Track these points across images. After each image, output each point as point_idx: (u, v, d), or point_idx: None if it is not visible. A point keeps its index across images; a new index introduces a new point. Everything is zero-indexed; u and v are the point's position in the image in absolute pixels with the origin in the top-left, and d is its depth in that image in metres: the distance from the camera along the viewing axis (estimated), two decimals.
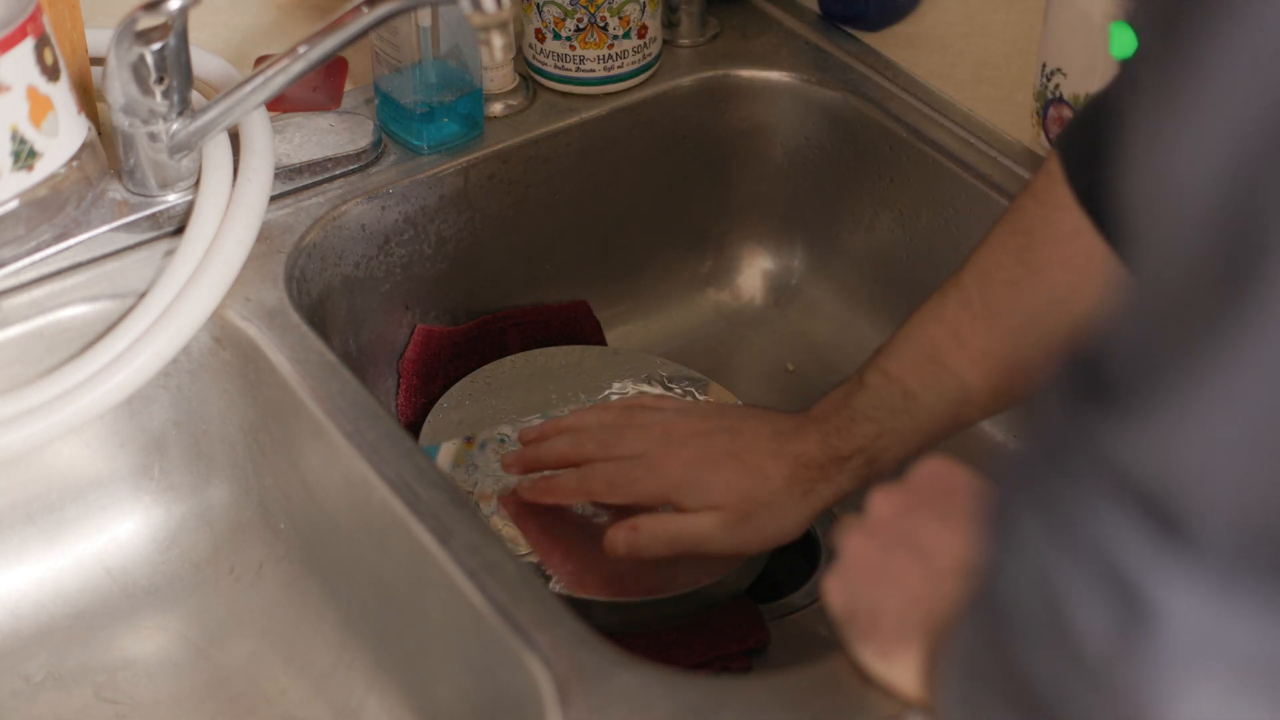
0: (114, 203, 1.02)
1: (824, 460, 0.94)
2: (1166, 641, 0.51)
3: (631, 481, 0.96)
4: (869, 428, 0.94)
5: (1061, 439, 0.55)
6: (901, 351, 0.94)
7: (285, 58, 0.98)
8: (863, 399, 0.94)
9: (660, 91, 1.19)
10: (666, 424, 0.98)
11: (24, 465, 1.01)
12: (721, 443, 0.96)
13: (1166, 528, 0.51)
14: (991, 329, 0.92)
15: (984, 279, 0.93)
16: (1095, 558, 0.53)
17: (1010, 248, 0.92)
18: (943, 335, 0.93)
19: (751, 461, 0.94)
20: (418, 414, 1.12)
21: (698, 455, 0.95)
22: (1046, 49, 1.09)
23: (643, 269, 1.25)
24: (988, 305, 0.92)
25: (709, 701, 0.79)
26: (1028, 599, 0.56)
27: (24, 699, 0.98)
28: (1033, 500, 0.56)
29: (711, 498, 0.94)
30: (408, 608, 0.92)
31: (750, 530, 0.94)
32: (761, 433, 0.95)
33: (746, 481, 0.94)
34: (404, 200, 1.11)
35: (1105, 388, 0.53)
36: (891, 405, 0.94)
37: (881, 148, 1.18)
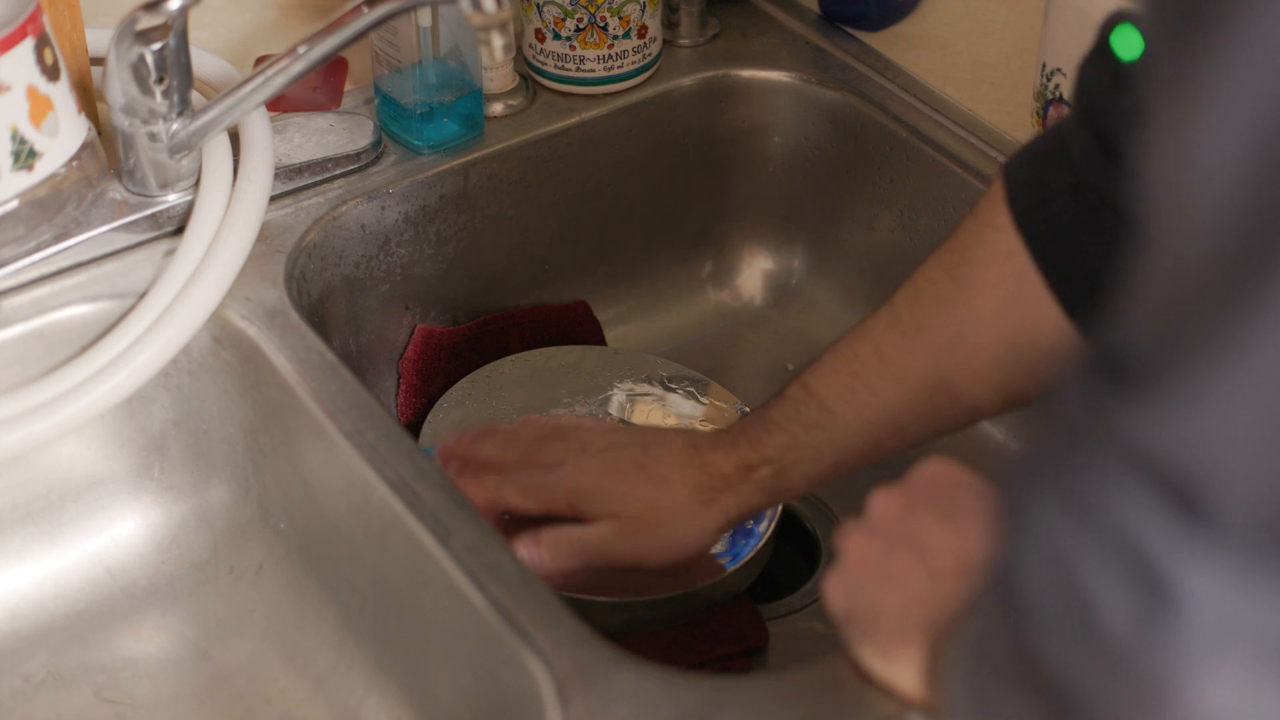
0: (114, 203, 1.02)
1: (730, 470, 0.94)
2: (1189, 625, 0.51)
3: (541, 489, 0.97)
4: (780, 438, 0.93)
5: (1080, 422, 0.55)
6: (824, 366, 0.94)
7: (285, 58, 0.98)
8: (779, 410, 0.94)
9: (660, 91, 1.19)
10: (586, 437, 0.98)
11: (24, 465, 1.01)
12: (632, 454, 0.96)
13: (1188, 510, 0.51)
14: (916, 346, 0.91)
15: (915, 295, 0.92)
16: (1116, 541, 0.53)
17: (944, 264, 0.92)
18: (867, 351, 0.92)
19: (656, 472, 0.95)
20: (418, 414, 1.12)
21: (606, 466, 0.96)
22: (1046, 49, 1.09)
23: (643, 269, 1.25)
24: (915, 321, 0.92)
25: (709, 701, 0.79)
26: (1046, 584, 0.56)
27: (24, 699, 0.98)
28: (1051, 484, 0.56)
29: (611, 506, 0.95)
30: (408, 608, 0.92)
31: (649, 538, 0.95)
32: (674, 445, 0.96)
33: (648, 490, 0.94)
34: (404, 200, 1.11)
35: (1125, 371, 0.53)
36: (806, 419, 0.93)
37: (881, 148, 1.18)
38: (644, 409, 1.11)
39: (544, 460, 0.98)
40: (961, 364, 0.91)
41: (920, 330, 0.91)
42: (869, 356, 0.92)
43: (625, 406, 1.11)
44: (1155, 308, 0.53)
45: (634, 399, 1.11)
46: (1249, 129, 0.48)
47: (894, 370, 0.92)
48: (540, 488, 0.97)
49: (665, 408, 1.12)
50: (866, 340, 0.93)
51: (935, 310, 0.91)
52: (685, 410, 1.12)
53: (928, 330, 0.91)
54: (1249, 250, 0.49)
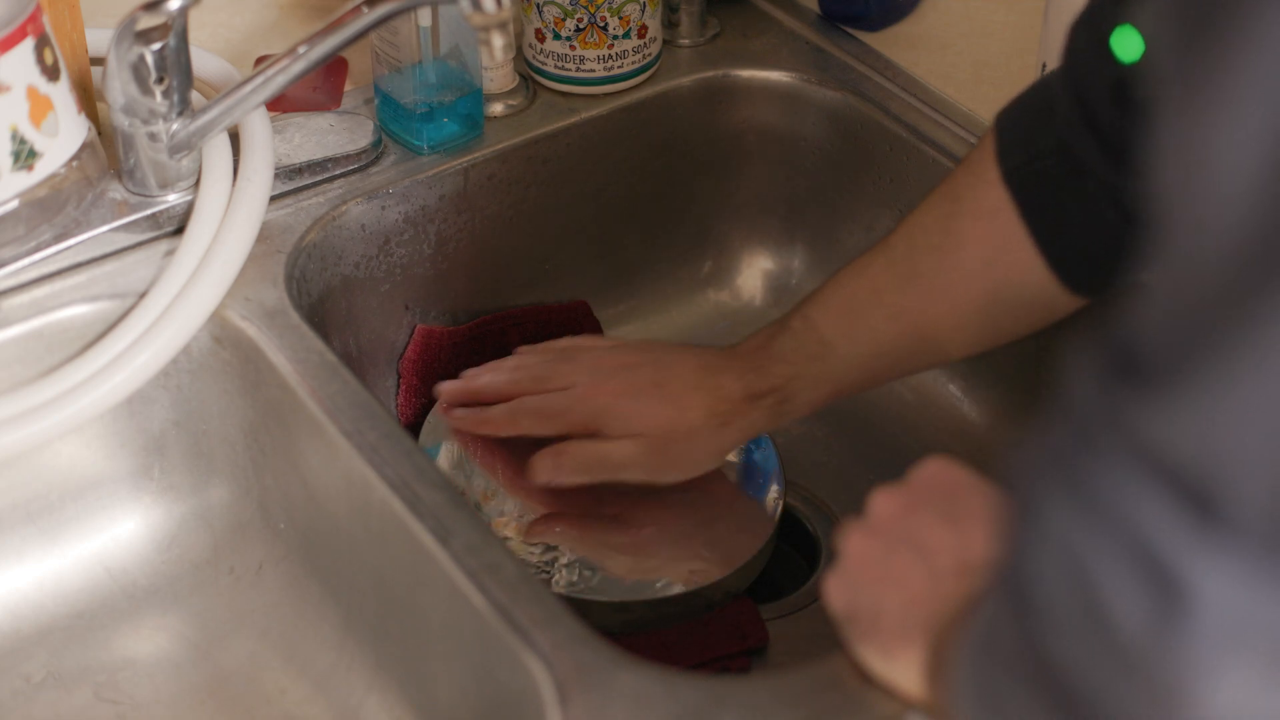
0: (114, 203, 1.02)
1: (740, 396, 0.97)
2: (1202, 625, 0.51)
3: (559, 412, 0.99)
4: (784, 369, 0.97)
5: (1093, 419, 0.55)
6: (826, 300, 0.98)
7: (285, 58, 0.98)
8: (783, 341, 0.98)
9: (660, 91, 1.19)
10: (596, 359, 1.01)
11: (24, 465, 1.01)
12: (647, 374, 0.99)
13: (1201, 510, 0.51)
14: (909, 289, 0.96)
15: (910, 241, 0.96)
16: (1129, 540, 0.53)
17: (937, 214, 0.96)
18: (864, 290, 0.97)
19: (673, 392, 0.98)
20: (418, 414, 1.12)
21: (623, 386, 0.99)
22: (1046, 49, 1.09)
23: (643, 269, 1.25)
24: (910, 266, 0.96)
25: (709, 701, 0.79)
26: (1057, 581, 0.56)
27: (24, 699, 0.98)
28: (1063, 481, 0.56)
29: (632, 425, 0.98)
30: (408, 608, 0.92)
31: (667, 459, 0.98)
32: (687, 365, 0.99)
33: (667, 411, 0.97)
34: (404, 200, 1.11)
35: (1138, 369, 0.53)
36: (808, 350, 0.97)
37: (881, 148, 1.18)
38: None
39: (556, 383, 1.00)
40: (950, 309, 0.95)
41: (914, 274, 0.95)
42: (865, 295, 0.97)
43: None
44: (1169, 307, 0.53)
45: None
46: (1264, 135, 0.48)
47: (889, 311, 0.96)
48: (558, 410, 0.99)
49: None
50: (865, 280, 0.97)
51: (928, 258, 0.95)
52: None
53: (921, 276, 0.95)
54: (1265, 253, 0.49)
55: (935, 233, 0.95)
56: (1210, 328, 0.51)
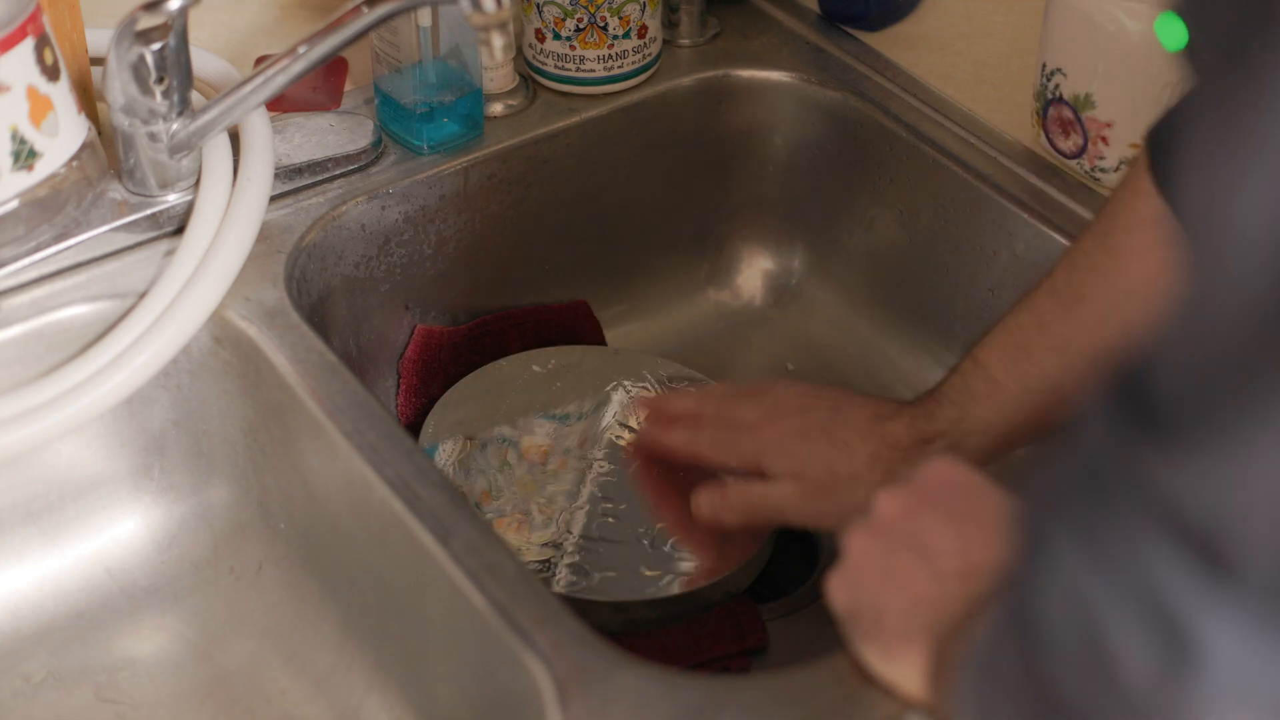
0: (114, 203, 1.02)
1: (909, 442, 0.95)
2: (1209, 678, 0.51)
3: (731, 444, 0.99)
4: (952, 411, 0.95)
5: (1105, 461, 0.55)
6: (994, 338, 0.96)
7: (285, 58, 0.98)
8: (951, 383, 0.96)
9: (660, 91, 1.19)
10: (779, 398, 1.01)
11: (24, 465, 1.01)
12: (820, 417, 0.98)
13: (1211, 563, 0.51)
14: (1073, 316, 0.93)
15: (1070, 265, 0.93)
16: (1138, 589, 0.52)
17: (1095, 234, 0.93)
18: (1030, 323, 0.94)
19: (841, 437, 0.96)
20: (418, 414, 1.12)
21: (795, 427, 0.98)
22: (1046, 49, 1.09)
23: (643, 269, 1.25)
24: (1072, 291, 0.93)
25: (709, 701, 0.79)
26: (1065, 622, 0.55)
27: (24, 699, 0.98)
28: (1073, 523, 0.55)
29: (794, 466, 0.97)
30: (408, 608, 0.92)
31: (827, 502, 0.96)
32: (861, 412, 0.97)
33: (831, 455, 0.96)
34: (404, 200, 1.11)
35: (1153, 413, 0.53)
36: (974, 390, 0.95)
37: (881, 148, 1.18)
38: None
39: (738, 417, 1.00)
40: (1117, 331, 0.92)
41: (1077, 300, 0.92)
42: (1031, 328, 0.94)
43: (625, 406, 1.11)
44: (1189, 356, 0.53)
45: (634, 399, 1.11)
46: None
47: (1054, 340, 0.93)
48: (732, 443, 0.99)
49: None
50: (1029, 312, 0.94)
51: (1089, 279, 0.92)
52: None
53: (1084, 300, 0.92)
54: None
55: (1094, 253, 0.92)
56: (1229, 382, 0.50)
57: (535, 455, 1.08)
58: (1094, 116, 1.07)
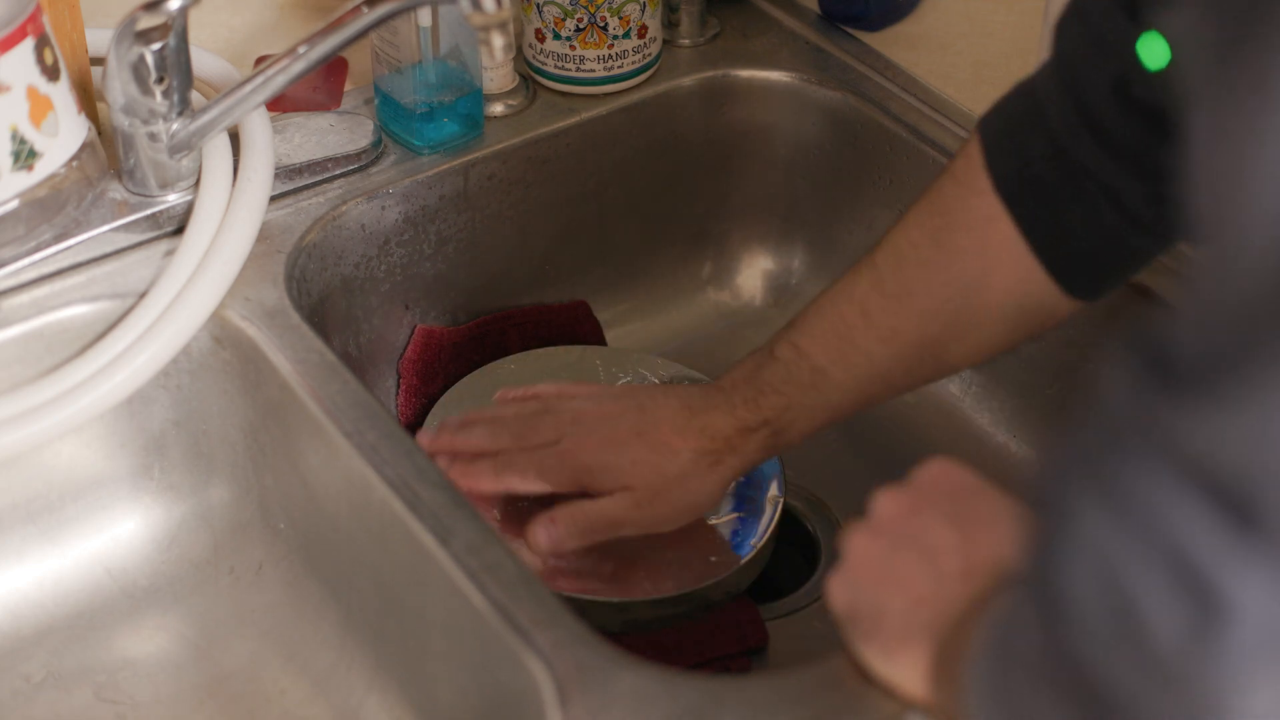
0: (114, 203, 1.02)
1: (730, 432, 0.96)
2: (1240, 636, 0.51)
3: (545, 471, 0.98)
4: (776, 400, 0.96)
5: (1127, 423, 0.54)
6: (812, 327, 0.96)
7: (285, 58, 0.98)
8: (771, 372, 0.96)
9: (660, 91, 1.19)
10: (577, 411, 0.99)
11: (24, 465, 1.01)
12: (629, 422, 0.97)
13: (1240, 520, 0.51)
14: (901, 309, 0.93)
15: (898, 258, 0.94)
16: (1165, 548, 0.52)
17: (927, 229, 0.93)
18: (853, 313, 0.95)
19: (658, 439, 0.96)
20: (418, 414, 1.12)
21: (606, 438, 0.97)
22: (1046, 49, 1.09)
23: (643, 269, 1.25)
24: (900, 284, 0.93)
25: (709, 701, 0.79)
26: (1089, 588, 0.55)
27: (24, 699, 0.98)
28: (1095, 485, 0.55)
29: (621, 478, 0.96)
30: (408, 608, 0.92)
31: (662, 506, 0.97)
32: (669, 408, 0.97)
33: (654, 459, 0.96)
34: (404, 200, 1.11)
35: (1176, 374, 0.53)
36: (800, 380, 0.95)
37: (881, 148, 1.18)
38: None
39: (538, 439, 0.98)
40: (947, 325, 0.93)
41: (906, 294, 0.93)
42: (856, 319, 0.94)
43: None
44: (1208, 312, 0.53)
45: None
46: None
47: (882, 332, 0.94)
48: (542, 469, 0.97)
49: None
50: (852, 303, 0.95)
51: (920, 275, 0.93)
52: None
53: (914, 295, 0.93)
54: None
55: (925, 247, 0.93)
56: (1251, 337, 0.50)
57: None
58: None
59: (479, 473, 0.99)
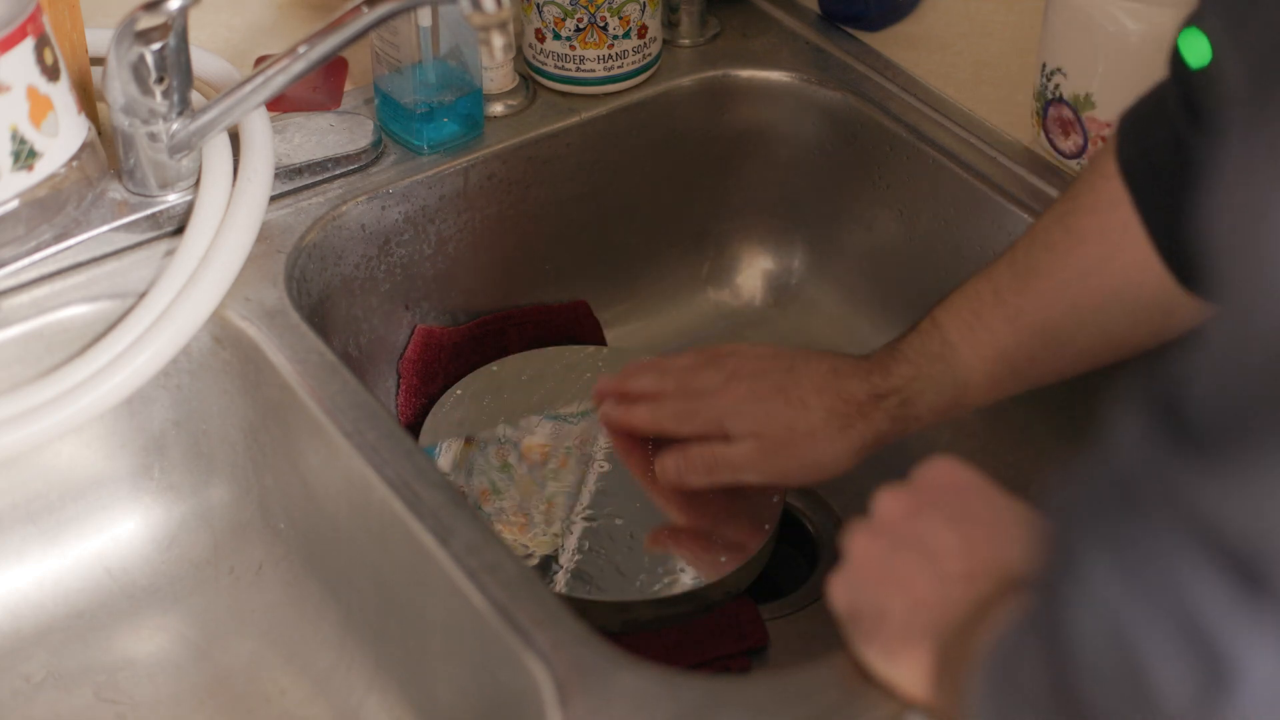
0: (114, 203, 1.02)
1: (863, 397, 0.97)
2: (1247, 700, 0.51)
3: (692, 414, 1.01)
4: (907, 369, 0.96)
5: (1139, 476, 0.54)
6: (953, 302, 0.97)
7: (285, 58, 0.98)
8: (909, 342, 0.97)
9: (660, 91, 1.19)
10: (737, 364, 1.02)
11: (24, 465, 1.01)
12: (776, 379, 0.99)
13: (1250, 584, 0.50)
14: (1026, 288, 0.94)
15: (1030, 239, 0.95)
16: (1174, 608, 0.52)
17: (1058, 212, 0.94)
18: (987, 291, 0.95)
19: (796, 395, 0.98)
20: (418, 414, 1.12)
21: (750, 390, 1.00)
22: (1046, 49, 1.09)
23: (643, 269, 1.25)
24: (1029, 265, 0.94)
25: (709, 701, 0.79)
26: (1097, 639, 0.55)
27: (24, 699, 0.98)
28: (1106, 538, 0.55)
29: (753, 426, 0.98)
30: (408, 608, 0.92)
31: (786, 459, 0.98)
32: (818, 370, 0.99)
33: (787, 413, 0.98)
34: (404, 200, 1.11)
35: (1189, 429, 0.52)
36: (929, 351, 0.96)
37: (881, 148, 1.18)
38: None
39: (696, 387, 1.02)
40: (1068, 310, 0.93)
41: (1031, 274, 0.94)
42: (988, 296, 0.95)
43: None
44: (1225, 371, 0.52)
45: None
46: None
47: (1008, 311, 0.94)
48: (692, 413, 1.01)
49: None
50: (988, 281, 0.96)
51: (1045, 256, 0.94)
52: None
53: (1038, 275, 0.94)
54: None
55: (1054, 230, 0.94)
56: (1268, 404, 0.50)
57: (535, 455, 1.08)
58: (1094, 116, 1.07)
59: (636, 411, 1.04)
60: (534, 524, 1.03)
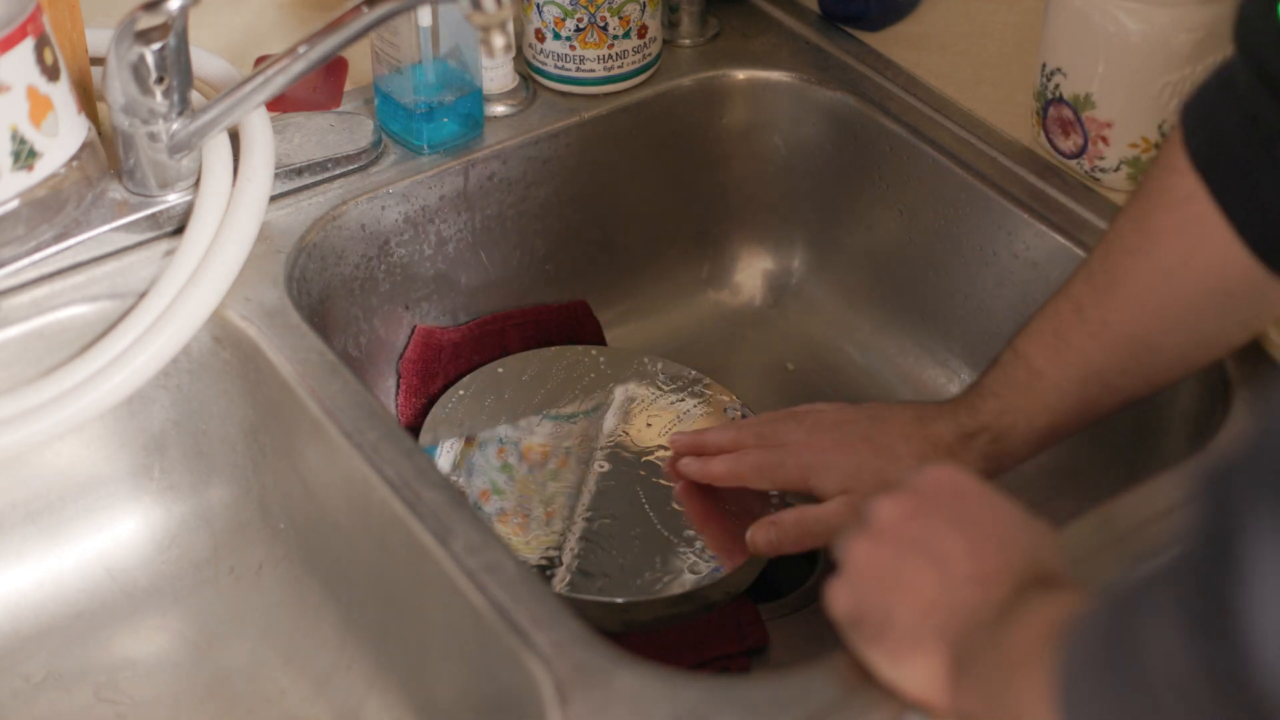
0: (114, 203, 1.02)
1: (952, 439, 0.95)
2: None
3: (774, 467, 0.99)
4: (993, 404, 0.94)
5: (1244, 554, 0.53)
6: (1032, 327, 0.95)
7: (285, 58, 0.98)
8: (992, 376, 0.95)
9: (660, 91, 1.19)
10: (818, 417, 1.00)
11: (24, 465, 1.01)
12: (860, 428, 0.98)
13: None
14: (1110, 299, 0.91)
15: (1105, 249, 0.92)
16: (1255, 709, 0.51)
17: (1130, 214, 0.92)
18: (1068, 310, 0.93)
19: (883, 443, 0.96)
20: (418, 414, 1.12)
21: (835, 441, 0.98)
22: (1046, 49, 1.09)
23: (643, 269, 1.25)
24: (1108, 275, 0.92)
25: (709, 701, 0.79)
26: None
27: (24, 699, 0.98)
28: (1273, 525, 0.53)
29: (842, 481, 0.96)
30: (408, 608, 0.92)
31: None
32: (902, 418, 0.97)
33: (876, 462, 0.96)
34: (404, 200, 1.11)
35: None
36: (1016, 381, 0.94)
37: (881, 148, 1.18)
38: (644, 409, 1.11)
39: (776, 439, 1.00)
40: (1155, 314, 0.91)
41: (1112, 284, 0.91)
42: (1069, 314, 0.93)
43: (625, 406, 1.11)
44: None
45: (634, 399, 1.11)
46: None
47: (1092, 326, 0.92)
48: (774, 465, 0.99)
49: (665, 407, 1.12)
50: (1067, 299, 0.93)
51: (1124, 262, 0.91)
52: (685, 410, 1.12)
53: (1119, 284, 0.91)
54: None
55: (1130, 234, 0.91)
56: None
57: (535, 455, 1.08)
58: (1094, 116, 1.07)
59: (715, 464, 1.02)
60: (534, 524, 1.03)
